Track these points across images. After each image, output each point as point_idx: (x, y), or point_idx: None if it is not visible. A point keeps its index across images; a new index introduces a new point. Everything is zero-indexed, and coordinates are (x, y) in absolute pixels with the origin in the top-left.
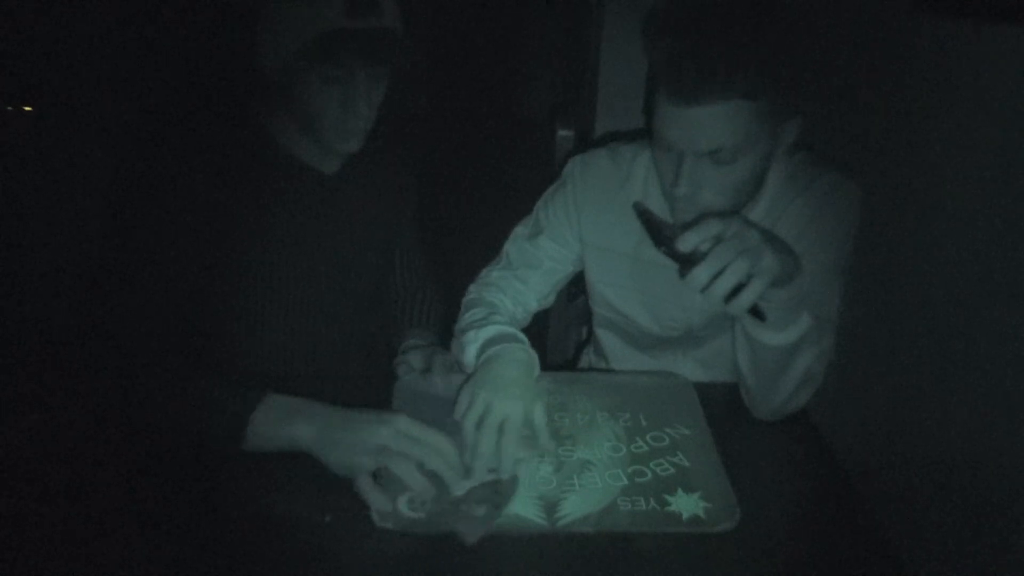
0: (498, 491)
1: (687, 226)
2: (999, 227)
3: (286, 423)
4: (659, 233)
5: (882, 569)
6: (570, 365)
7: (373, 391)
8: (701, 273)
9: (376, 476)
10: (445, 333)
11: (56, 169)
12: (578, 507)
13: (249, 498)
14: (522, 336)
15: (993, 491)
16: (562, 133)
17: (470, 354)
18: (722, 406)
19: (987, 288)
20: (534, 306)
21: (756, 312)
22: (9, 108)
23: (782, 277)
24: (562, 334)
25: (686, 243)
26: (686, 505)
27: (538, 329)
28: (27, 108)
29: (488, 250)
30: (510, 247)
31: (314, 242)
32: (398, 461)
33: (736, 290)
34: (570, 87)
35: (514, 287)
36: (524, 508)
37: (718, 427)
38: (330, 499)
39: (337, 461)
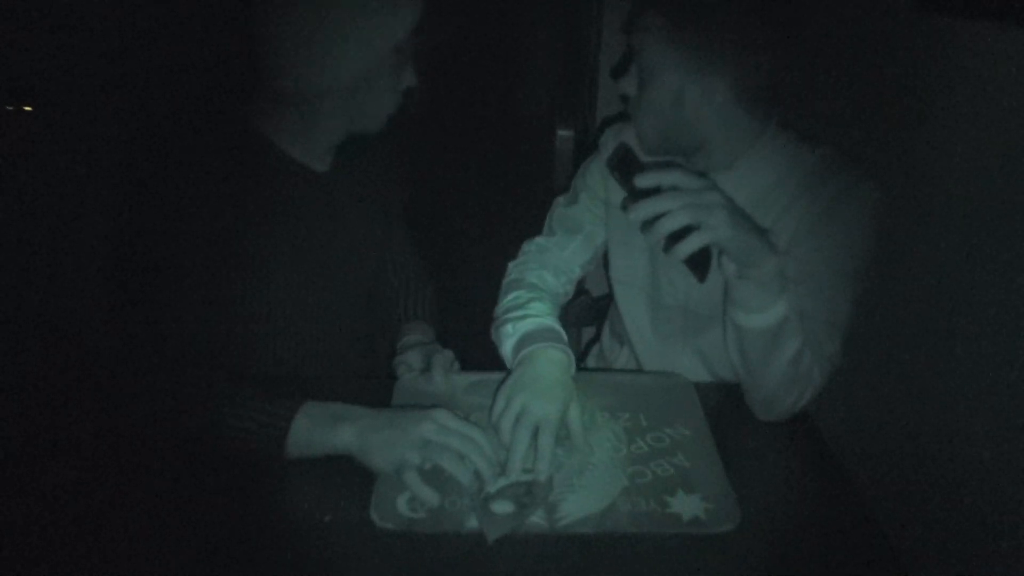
0: (530, 492)
1: (654, 165)
2: (1001, 227)
3: (326, 429)
4: (623, 163)
5: (883, 570)
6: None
7: (373, 391)
8: (642, 208)
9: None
10: (441, 329)
11: (56, 169)
12: (578, 508)
13: (249, 498)
14: (559, 331)
15: (994, 491)
16: (562, 133)
17: (507, 348)
18: (722, 406)
19: (989, 289)
20: (577, 272)
21: (695, 269)
22: (9, 108)
23: (735, 248)
24: None
25: (643, 180)
26: (686, 506)
27: None
28: (27, 108)
29: (489, 249)
30: (551, 216)
31: (309, 240)
32: (441, 453)
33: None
34: (570, 87)
35: (556, 256)
36: None
37: (718, 427)
38: (330, 499)
39: (382, 458)
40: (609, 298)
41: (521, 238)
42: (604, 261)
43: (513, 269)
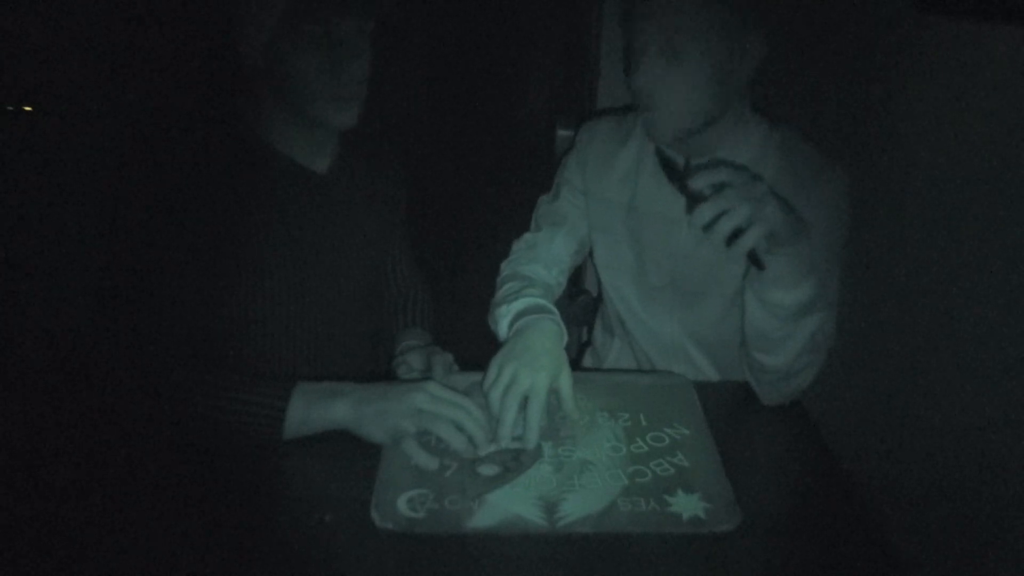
0: (517, 458)
1: (700, 167)
2: (998, 223)
3: (321, 405)
4: (673, 171)
5: (882, 569)
6: (572, 366)
7: None
8: (705, 210)
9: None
10: (438, 331)
11: (53, 169)
12: (578, 508)
13: (249, 498)
14: (552, 308)
15: (992, 488)
16: (562, 133)
17: (502, 327)
18: (722, 406)
19: (985, 284)
20: (567, 263)
21: (756, 260)
22: (9, 108)
23: (784, 231)
24: None
25: (697, 182)
26: (686, 506)
27: None
28: (27, 108)
29: (489, 249)
30: (536, 213)
31: (309, 241)
32: (435, 421)
33: (739, 236)
34: (570, 87)
35: (544, 250)
36: (524, 508)
37: (717, 427)
38: (330, 499)
39: (378, 430)
40: None
41: None
42: (591, 250)
43: (506, 267)
